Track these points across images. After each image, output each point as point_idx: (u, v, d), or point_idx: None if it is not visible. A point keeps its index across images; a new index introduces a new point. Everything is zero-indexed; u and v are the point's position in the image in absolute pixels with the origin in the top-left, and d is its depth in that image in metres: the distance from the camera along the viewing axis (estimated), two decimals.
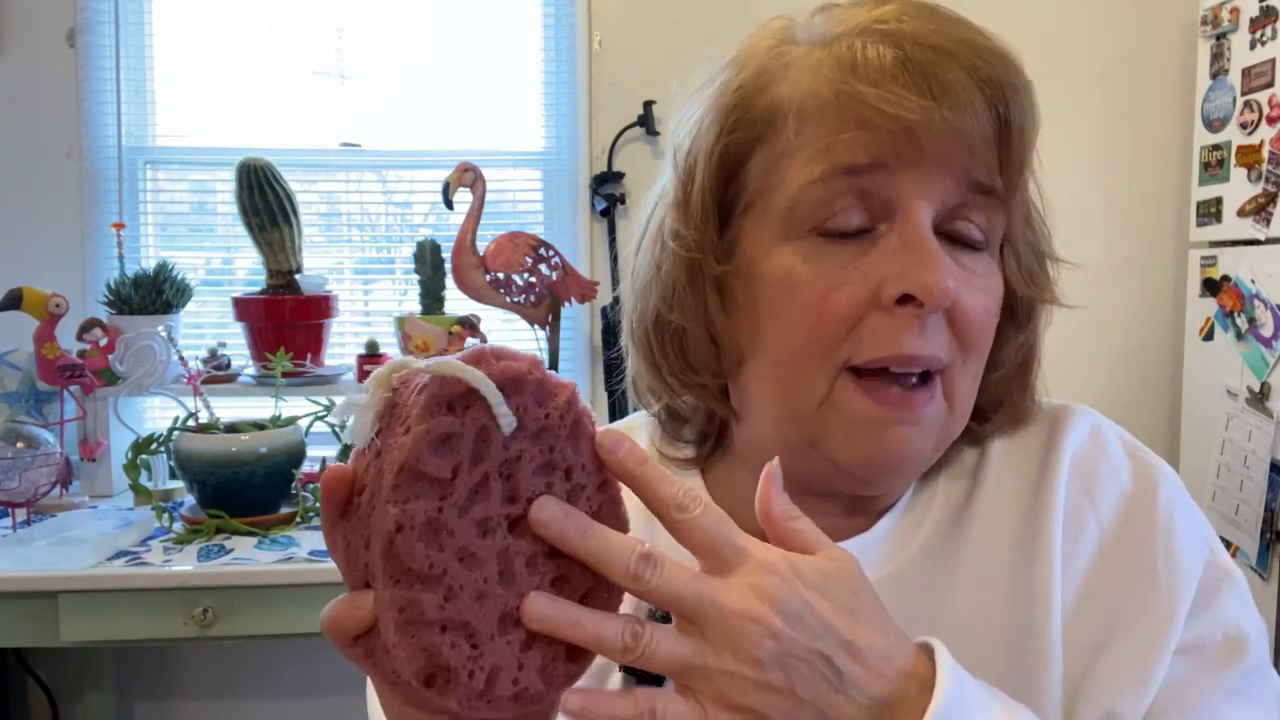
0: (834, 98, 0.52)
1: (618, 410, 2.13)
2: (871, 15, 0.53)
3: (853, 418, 0.53)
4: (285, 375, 1.84)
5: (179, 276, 2.08)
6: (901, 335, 0.52)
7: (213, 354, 2.05)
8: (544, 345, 2.15)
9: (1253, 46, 2.00)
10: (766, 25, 0.58)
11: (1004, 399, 0.61)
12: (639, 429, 0.70)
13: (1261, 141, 1.97)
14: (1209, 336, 2.14)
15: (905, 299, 0.51)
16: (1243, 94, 2.03)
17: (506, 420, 0.40)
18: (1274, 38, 1.94)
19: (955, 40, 0.52)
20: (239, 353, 2.11)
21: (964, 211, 0.54)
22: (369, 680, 0.70)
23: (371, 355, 2.04)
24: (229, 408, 1.88)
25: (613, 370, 2.09)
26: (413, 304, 2.16)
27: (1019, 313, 0.59)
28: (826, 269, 0.53)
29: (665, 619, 0.44)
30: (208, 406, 1.74)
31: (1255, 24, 1.99)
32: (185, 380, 1.75)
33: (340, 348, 2.29)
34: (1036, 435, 0.61)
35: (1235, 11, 2.04)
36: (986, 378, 0.59)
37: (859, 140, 0.51)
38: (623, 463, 0.43)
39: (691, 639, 0.41)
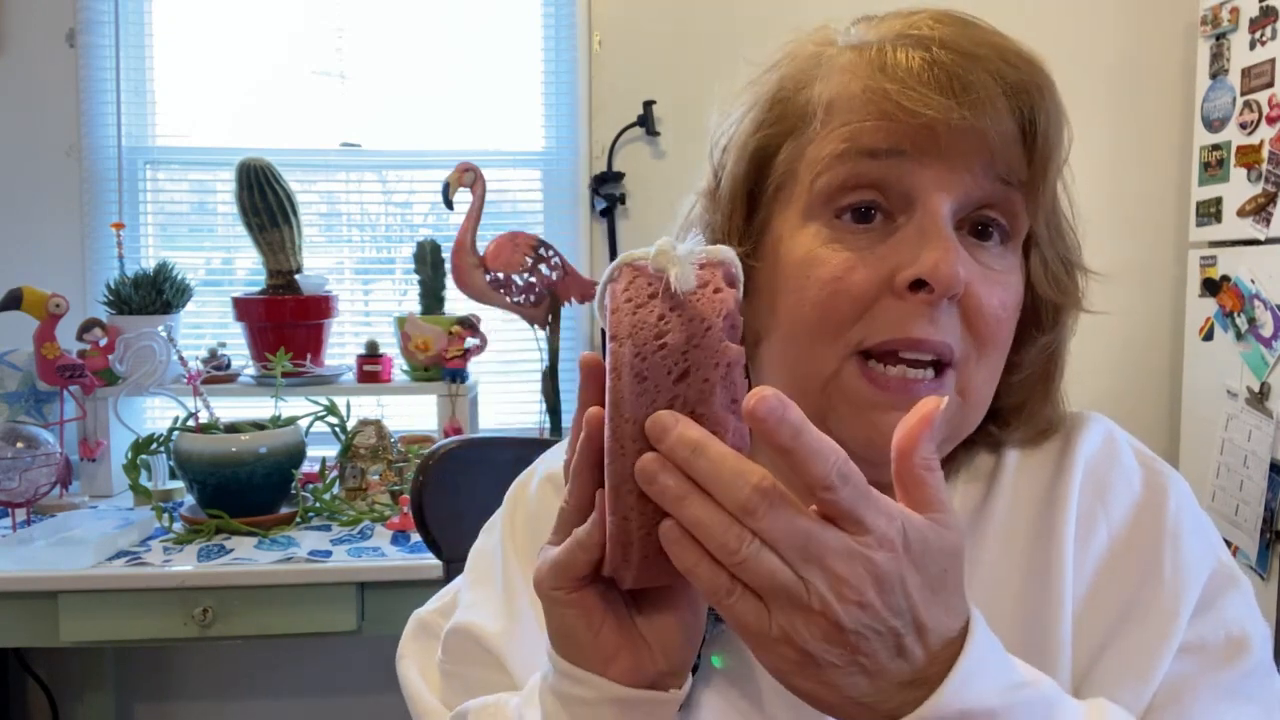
0: (862, 93, 0.55)
1: None
2: (905, 23, 0.57)
3: (853, 399, 0.55)
4: (285, 375, 1.84)
5: (179, 276, 2.08)
6: (911, 320, 0.54)
7: (213, 354, 2.05)
8: (544, 345, 2.15)
9: (1252, 46, 2.00)
10: (808, 32, 0.62)
11: (1025, 403, 0.62)
12: None
13: (1261, 141, 1.97)
14: (1209, 336, 2.14)
15: (917, 285, 0.53)
16: (1242, 94, 2.03)
17: (737, 302, 0.45)
18: (1274, 38, 1.94)
19: (981, 44, 0.54)
20: (239, 353, 2.12)
21: (986, 207, 0.56)
22: (411, 671, 0.69)
23: (371, 355, 2.04)
24: (229, 408, 1.88)
25: None
26: (413, 304, 2.16)
27: (1043, 316, 0.61)
28: (845, 251, 0.55)
29: None
30: (208, 406, 1.74)
31: (1255, 24, 1.99)
32: (185, 380, 1.75)
33: (340, 348, 2.29)
34: (1052, 442, 0.62)
35: (1235, 11, 2.04)
36: (1008, 379, 0.60)
37: (880, 129, 0.55)
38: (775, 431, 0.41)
39: (792, 572, 0.41)
